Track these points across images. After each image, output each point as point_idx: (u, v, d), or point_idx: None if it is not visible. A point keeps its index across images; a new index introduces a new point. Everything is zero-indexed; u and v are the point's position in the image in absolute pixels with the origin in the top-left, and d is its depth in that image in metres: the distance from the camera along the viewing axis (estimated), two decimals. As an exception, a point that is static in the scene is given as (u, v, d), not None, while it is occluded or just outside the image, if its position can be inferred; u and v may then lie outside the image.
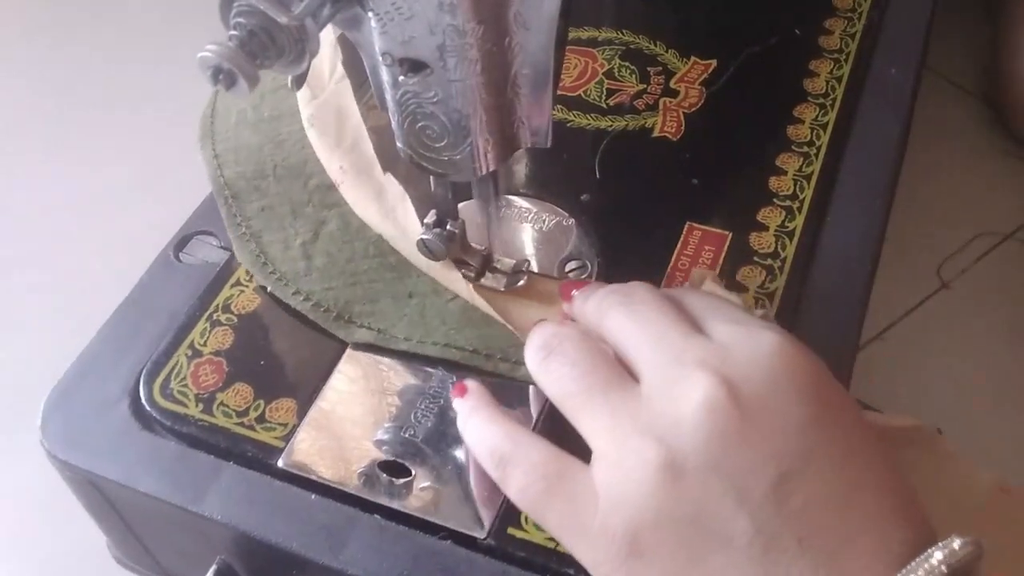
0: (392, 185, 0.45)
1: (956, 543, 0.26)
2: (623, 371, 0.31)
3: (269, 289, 0.43)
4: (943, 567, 0.25)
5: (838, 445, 0.28)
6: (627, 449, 0.29)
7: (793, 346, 0.30)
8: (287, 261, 0.44)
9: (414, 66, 0.32)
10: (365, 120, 0.48)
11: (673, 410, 0.28)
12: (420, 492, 0.37)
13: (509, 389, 0.39)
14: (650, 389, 0.30)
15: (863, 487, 0.28)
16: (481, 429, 0.34)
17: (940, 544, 0.26)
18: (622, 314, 0.33)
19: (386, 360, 0.41)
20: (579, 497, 0.29)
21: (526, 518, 0.35)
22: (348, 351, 0.41)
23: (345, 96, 0.49)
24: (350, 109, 0.49)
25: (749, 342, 0.30)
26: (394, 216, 0.44)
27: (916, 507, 0.28)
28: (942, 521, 0.30)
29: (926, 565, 0.25)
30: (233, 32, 0.29)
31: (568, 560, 0.34)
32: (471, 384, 0.36)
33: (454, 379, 0.39)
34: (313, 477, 0.37)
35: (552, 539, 0.35)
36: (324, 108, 0.49)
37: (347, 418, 0.39)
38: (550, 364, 0.32)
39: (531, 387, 0.39)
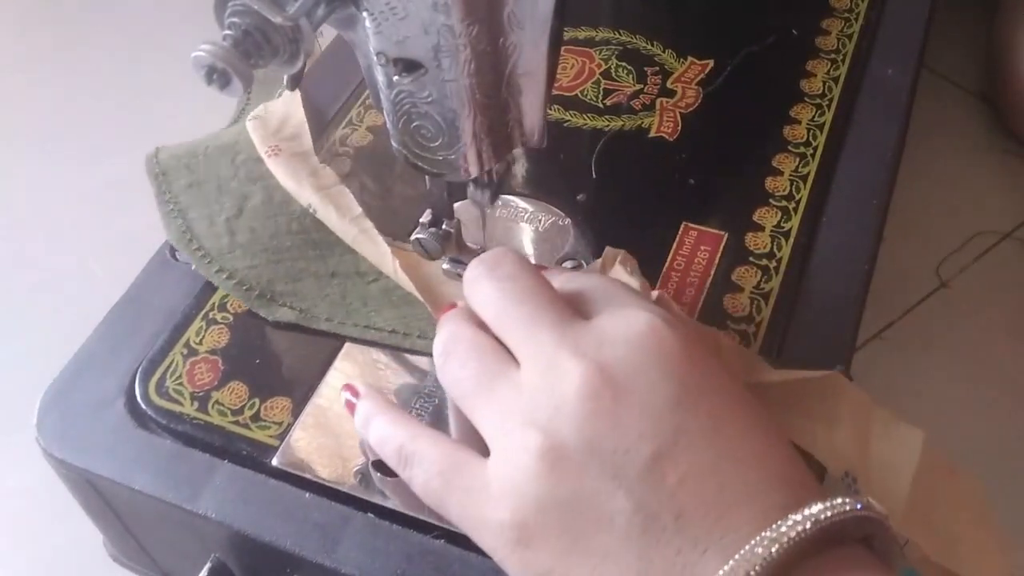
0: (327, 169, 0.46)
1: (835, 500, 0.25)
2: (506, 356, 0.32)
3: (194, 267, 0.43)
4: (807, 524, 0.25)
5: (710, 419, 0.28)
6: (511, 440, 0.29)
7: (663, 325, 0.30)
8: (211, 237, 0.44)
9: (408, 66, 0.32)
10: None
11: (550, 398, 0.29)
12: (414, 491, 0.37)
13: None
14: (527, 373, 0.30)
15: (739, 458, 0.28)
16: (384, 430, 0.34)
17: (818, 503, 0.26)
18: (490, 289, 0.33)
19: (381, 359, 0.41)
20: (474, 489, 0.30)
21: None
22: (343, 350, 0.41)
23: (294, 103, 0.50)
24: (297, 113, 0.49)
25: (621, 325, 0.30)
26: (325, 189, 0.44)
27: (799, 472, 0.28)
28: (869, 470, 0.32)
29: (790, 521, 0.25)
30: (228, 32, 0.30)
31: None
32: (362, 387, 0.36)
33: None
34: (307, 476, 0.37)
35: (545, 538, 0.35)
36: (270, 111, 0.50)
37: (342, 417, 0.39)
38: (448, 367, 0.33)
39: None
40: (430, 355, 0.38)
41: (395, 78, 0.33)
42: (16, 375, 0.54)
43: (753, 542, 0.25)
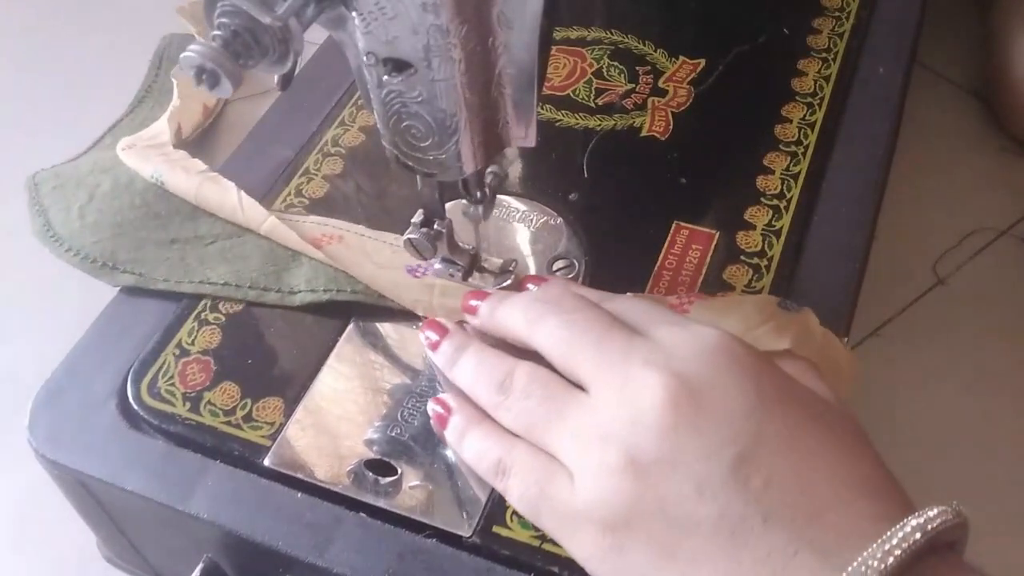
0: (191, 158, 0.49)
1: (932, 511, 0.26)
2: (568, 383, 0.33)
3: (49, 251, 0.45)
4: (917, 535, 0.26)
5: (787, 427, 0.29)
6: (592, 456, 0.30)
7: (732, 339, 0.31)
8: (65, 224, 0.47)
9: (398, 66, 0.32)
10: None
11: (627, 411, 0.30)
12: (406, 491, 0.37)
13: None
14: (601, 393, 0.31)
15: (819, 466, 0.28)
16: (480, 444, 0.34)
17: (916, 513, 0.26)
18: (556, 325, 0.34)
19: (374, 359, 0.41)
20: (565, 502, 0.31)
21: (511, 516, 0.35)
22: (336, 350, 0.41)
23: (160, 124, 0.55)
24: (163, 128, 0.54)
25: (691, 339, 0.31)
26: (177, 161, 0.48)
27: (885, 479, 0.29)
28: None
29: (900, 534, 0.26)
30: (217, 32, 0.29)
31: (552, 558, 0.34)
32: (453, 401, 0.36)
33: (436, 387, 0.39)
34: (299, 476, 0.37)
35: (537, 537, 0.35)
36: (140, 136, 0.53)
37: (333, 417, 0.39)
38: (510, 403, 0.34)
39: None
40: (262, 304, 0.42)
41: (385, 78, 0.33)
42: (8, 376, 0.54)
43: (865, 554, 0.26)
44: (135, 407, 0.40)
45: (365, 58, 0.33)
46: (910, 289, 0.56)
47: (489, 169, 0.40)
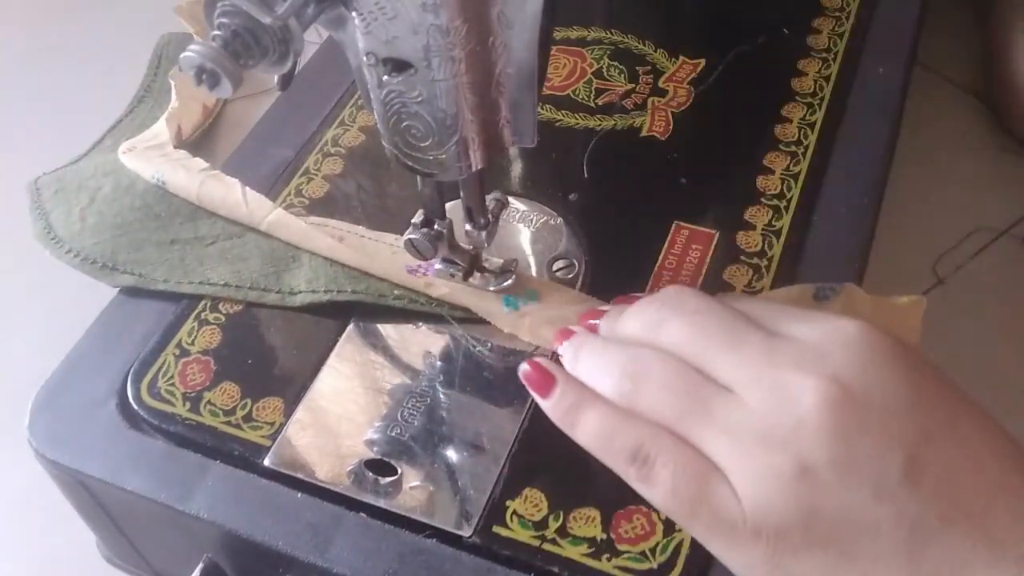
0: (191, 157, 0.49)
1: None
2: (706, 377, 0.31)
3: (49, 253, 0.46)
4: None
5: (947, 418, 0.29)
6: (757, 462, 0.29)
7: (872, 329, 0.30)
8: (66, 226, 0.47)
9: (398, 66, 0.32)
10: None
11: (790, 417, 0.29)
12: (406, 491, 0.37)
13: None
14: (752, 395, 0.30)
15: (980, 456, 0.28)
16: (609, 423, 0.31)
17: None
18: (681, 325, 0.32)
19: (374, 359, 0.41)
20: (724, 504, 0.29)
21: (511, 516, 0.35)
22: (336, 350, 0.41)
23: (159, 125, 0.55)
24: (162, 128, 0.54)
25: (835, 335, 0.30)
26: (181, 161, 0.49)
27: None
28: None
29: None
30: (216, 32, 0.29)
31: (552, 558, 0.34)
32: (555, 370, 0.33)
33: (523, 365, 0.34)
34: (299, 476, 0.37)
35: (537, 537, 0.35)
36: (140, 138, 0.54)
37: (333, 417, 0.39)
38: (646, 390, 0.31)
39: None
40: (262, 305, 0.43)
41: (385, 78, 0.33)
42: (8, 376, 0.54)
43: None
44: (135, 407, 0.40)
45: (365, 58, 0.33)
46: (910, 289, 0.55)
47: (492, 196, 0.41)
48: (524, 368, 0.33)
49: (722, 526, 0.29)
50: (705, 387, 0.30)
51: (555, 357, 0.35)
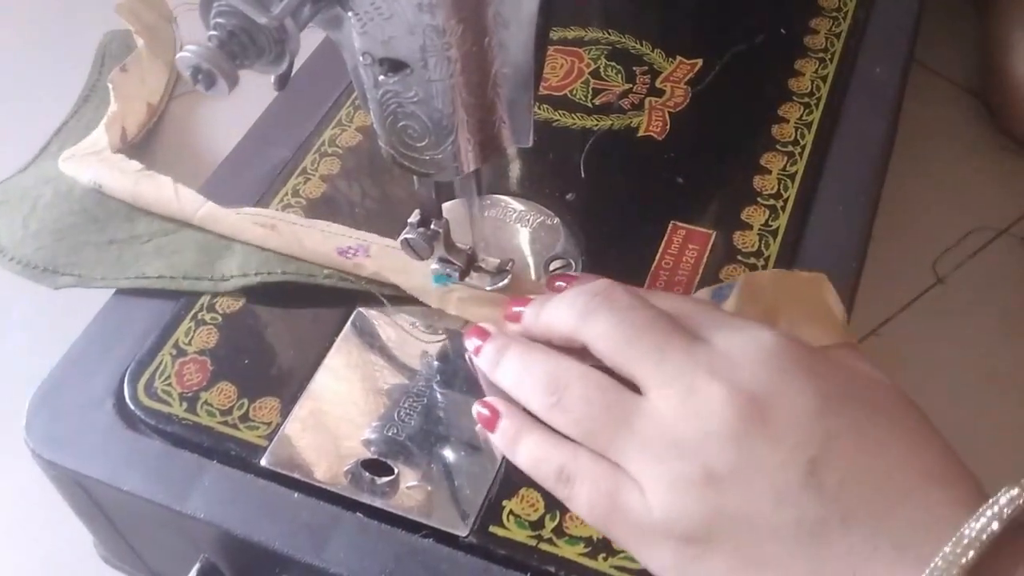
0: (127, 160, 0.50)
1: (1006, 495, 0.26)
2: (624, 386, 0.32)
3: None
4: (995, 524, 0.26)
5: (855, 423, 0.29)
6: (665, 468, 0.30)
7: (788, 339, 0.31)
8: (8, 235, 0.48)
9: (394, 66, 0.32)
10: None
11: (699, 424, 0.30)
12: (403, 491, 0.37)
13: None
14: (666, 402, 0.31)
15: (890, 458, 0.29)
16: (539, 450, 0.33)
17: (990, 501, 0.26)
18: (611, 323, 0.33)
19: (371, 359, 0.41)
20: (639, 512, 0.31)
21: (508, 516, 0.35)
22: (333, 350, 0.41)
23: (99, 132, 0.55)
24: (100, 136, 0.54)
25: (750, 344, 0.31)
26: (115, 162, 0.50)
27: (954, 464, 0.29)
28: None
29: (977, 524, 0.26)
30: (213, 32, 0.30)
31: (549, 558, 0.34)
32: (500, 405, 0.35)
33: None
34: (296, 476, 0.37)
35: (534, 536, 0.35)
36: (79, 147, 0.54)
37: (330, 417, 0.39)
38: (566, 405, 0.33)
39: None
40: (196, 292, 0.43)
41: (381, 78, 0.33)
42: (5, 376, 0.54)
43: (946, 549, 0.26)
44: (132, 407, 0.40)
45: (361, 58, 0.33)
46: (909, 288, 0.56)
47: (466, 247, 0.41)
48: (477, 409, 0.35)
49: (635, 534, 0.31)
50: (625, 399, 0.32)
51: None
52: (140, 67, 0.64)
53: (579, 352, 0.34)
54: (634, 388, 0.32)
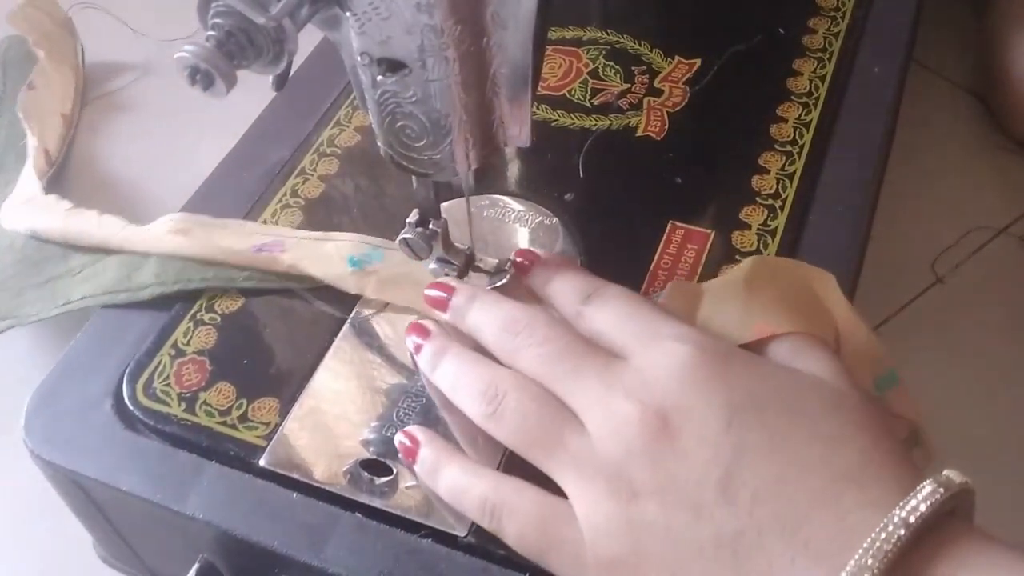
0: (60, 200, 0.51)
1: (920, 494, 0.26)
2: (560, 403, 0.33)
3: None
4: (902, 529, 0.26)
5: (765, 430, 0.29)
6: (594, 489, 0.31)
7: (698, 352, 0.32)
8: None
9: (392, 66, 0.32)
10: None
11: (619, 445, 0.31)
12: (402, 491, 0.37)
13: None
14: (591, 423, 0.32)
15: (803, 464, 0.29)
16: (459, 480, 0.34)
17: (900, 503, 0.26)
18: (532, 356, 0.34)
19: (370, 358, 0.41)
20: (570, 540, 0.31)
21: (507, 516, 0.35)
22: (332, 350, 0.41)
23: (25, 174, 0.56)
24: (29, 180, 0.55)
25: (661, 360, 0.32)
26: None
27: (877, 462, 0.29)
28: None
29: (890, 527, 0.26)
30: (211, 33, 0.29)
31: (548, 557, 0.34)
32: (420, 434, 0.36)
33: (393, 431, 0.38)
34: (295, 476, 0.37)
35: (532, 537, 0.35)
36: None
37: (329, 417, 0.39)
38: (505, 417, 0.34)
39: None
40: (113, 306, 0.44)
41: (379, 78, 0.33)
42: (3, 376, 0.54)
43: (858, 554, 0.26)
44: (131, 407, 0.40)
45: (359, 58, 0.33)
46: (908, 288, 0.56)
47: (464, 247, 0.41)
48: (399, 439, 0.37)
49: (569, 561, 0.31)
50: (556, 416, 0.33)
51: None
52: (47, 79, 0.64)
53: None
54: None
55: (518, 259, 0.40)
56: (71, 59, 0.67)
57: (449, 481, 0.34)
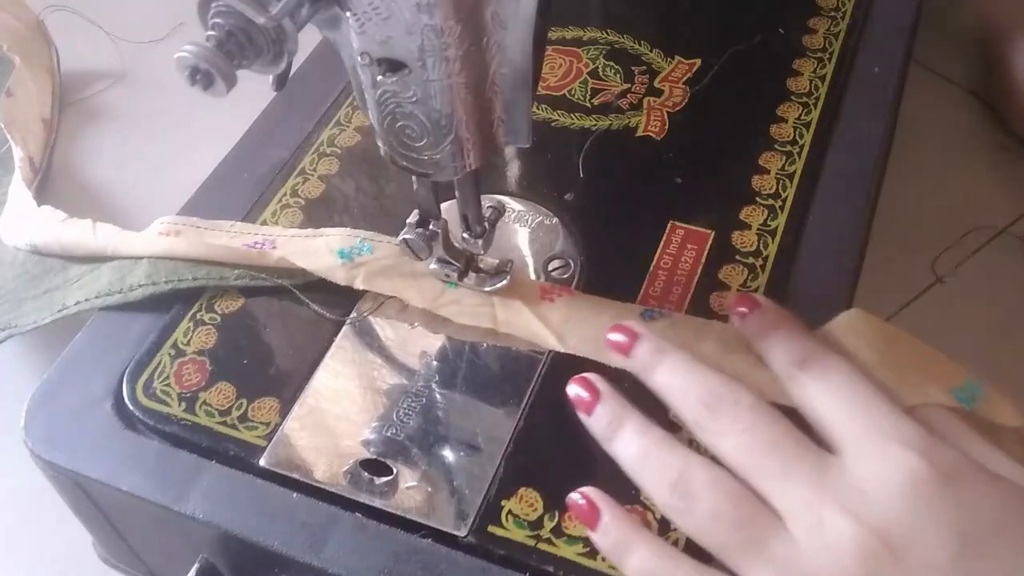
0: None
1: None
2: (762, 504, 0.30)
3: None
4: None
5: (997, 563, 0.28)
6: None
7: (925, 466, 0.29)
8: None
9: (392, 66, 0.32)
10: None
11: (829, 560, 0.28)
12: (402, 491, 0.37)
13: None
14: (799, 531, 0.29)
15: None
16: (652, 564, 0.31)
17: None
18: (736, 442, 0.31)
19: (369, 359, 0.41)
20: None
21: (506, 516, 0.35)
22: (332, 349, 0.41)
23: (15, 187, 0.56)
24: (20, 191, 0.55)
25: (882, 472, 0.29)
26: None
27: None
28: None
29: None
30: (211, 32, 0.29)
31: (548, 557, 0.34)
32: (598, 496, 0.33)
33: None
34: (295, 476, 0.37)
35: (532, 536, 0.35)
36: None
37: (330, 417, 0.39)
38: (696, 511, 0.31)
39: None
40: (106, 309, 0.44)
41: (379, 78, 0.33)
42: (3, 377, 0.54)
43: None
44: (131, 407, 0.40)
45: (359, 58, 0.33)
46: (908, 288, 0.56)
47: (488, 204, 0.41)
48: (573, 498, 0.33)
49: None
50: (758, 515, 0.30)
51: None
52: (24, 85, 0.63)
53: None
54: None
55: (739, 307, 0.37)
56: (47, 63, 0.66)
57: (641, 565, 0.31)
